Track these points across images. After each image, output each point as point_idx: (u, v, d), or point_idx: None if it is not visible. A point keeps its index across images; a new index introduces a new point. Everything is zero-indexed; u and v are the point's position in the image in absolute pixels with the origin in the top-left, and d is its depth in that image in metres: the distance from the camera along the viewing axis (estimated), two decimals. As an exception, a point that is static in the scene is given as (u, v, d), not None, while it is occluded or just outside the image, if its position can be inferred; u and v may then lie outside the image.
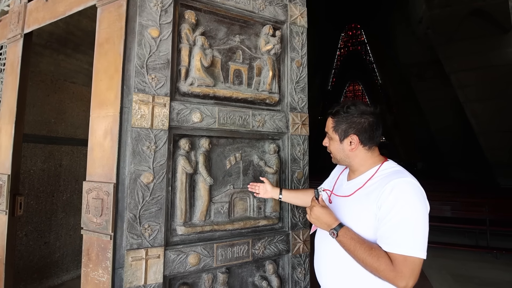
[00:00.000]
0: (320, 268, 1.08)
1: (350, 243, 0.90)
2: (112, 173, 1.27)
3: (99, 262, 1.26)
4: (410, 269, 0.80)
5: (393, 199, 0.86)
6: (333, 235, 0.93)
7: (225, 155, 1.56)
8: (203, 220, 1.44)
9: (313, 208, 0.99)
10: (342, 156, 1.05)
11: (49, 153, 2.96)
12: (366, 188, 0.97)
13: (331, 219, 0.95)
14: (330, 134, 1.06)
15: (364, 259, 0.85)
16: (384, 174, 0.96)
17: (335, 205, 1.06)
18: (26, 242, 2.72)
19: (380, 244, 0.88)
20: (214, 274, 1.47)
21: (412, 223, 0.83)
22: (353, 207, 0.98)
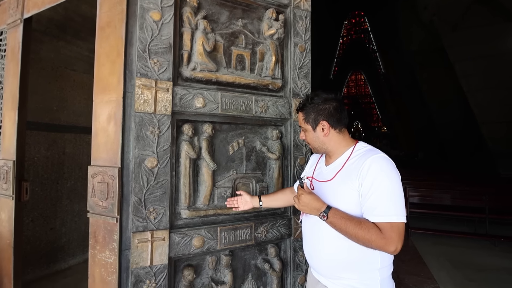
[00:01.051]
0: (311, 251, 1.13)
1: (340, 222, 0.96)
2: (116, 157, 1.28)
3: (106, 244, 1.29)
4: (397, 233, 0.90)
5: (372, 174, 0.95)
6: (324, 218, 0.98)
7: (228, 140, 1.56)
8: (206, 204, 1.47)
9: (301, 196, 1.04)
10: (318, 144, 1.13)
11: (52, 140, 2.98)
12: (346, 169, 1.05)
13: (319, 203, 1.00)
14: (303, 126, 1.15)
15: (356, 233, 0.92)
16: (359, 153, 1.05)
17: (318, 190, 1.12)
18: (32, 227, 2.77)
19: (367, 217, 0.96)
20: (218, 256, 1.51)
21: (392, 193, 0.93)
22: (336, 189, 1.05)
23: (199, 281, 1.46)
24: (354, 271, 1.01)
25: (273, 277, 1.61)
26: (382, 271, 1.01)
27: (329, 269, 1.06)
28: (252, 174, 1.62)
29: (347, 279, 1.02)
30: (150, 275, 1.28)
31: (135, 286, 1.26)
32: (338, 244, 1.02)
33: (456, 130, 10.39)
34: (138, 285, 1.26)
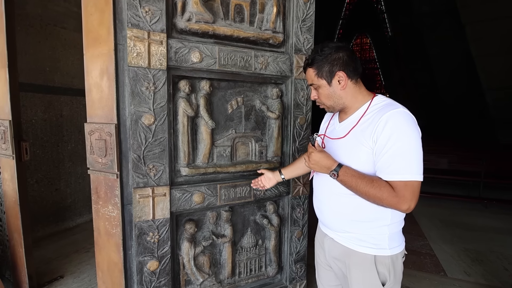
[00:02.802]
0: (320, 206, 1.12)
1: (351, 180, 0.92)
2: (112, 114, 1.25)
3: (108, 199, 1.32)
4: (411, 192, 0.85)
5: (388, 131, 0.88)
6: (334, 176, 0.95)
7: (227, 99, 1.52)
8: (206, 162, 1.47)
9: (312, 154, 1.00)
10: (335, 100, 1.03)
11: (49, 103, 2.92)
12: (361, 125, 0.97)
13: (330, 162, 0.97)
14: (316, 82, 1.03)
15: (367, 191, 0.89)
16: (376, 108, 0.96)
17: (331, 148, 1.07)
18: (37, 188, 2.84)
19: (379, 175, 0.91)
20: (218, 212, 1.55)
21: (408, 150, 0.87)
22: (349, 146, 0.99)
23: (200, 234, 1.52)
24: (362, 226, 0.99)
25: (271, 231, 1.68)
26: (391, 227, 0.98)
27: (337, 223, 1.05)
28: (252, 133, 1.60)
29: (354, 233, 1.00)
30: (153, 228, 1.33)
31: (139, 238, 1.31)
32: (347, 201, 0.99)
33: (459, 96, 10.19)
34: (142, 237, 1.32)
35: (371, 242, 0.98)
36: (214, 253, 1.58)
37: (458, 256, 2.66)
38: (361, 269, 0.99)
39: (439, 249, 2.78)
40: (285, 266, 1.76)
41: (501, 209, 4.05)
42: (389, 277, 0.97)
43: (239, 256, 1.64)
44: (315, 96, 1.08)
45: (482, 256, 2.66)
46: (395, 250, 0.97)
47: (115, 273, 1.35)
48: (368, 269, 0.97)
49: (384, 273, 0.97)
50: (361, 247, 0.98)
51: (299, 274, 1.78)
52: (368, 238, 0.98)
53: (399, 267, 0.99)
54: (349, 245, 1.01)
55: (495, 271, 2.38)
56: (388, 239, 0.97)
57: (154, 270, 1.35)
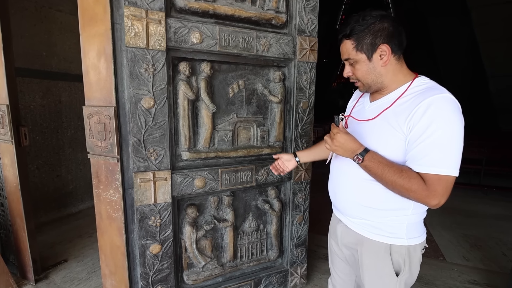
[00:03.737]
0: (336, 190, 1.05)
1: (377, 167, 0.83)
2: (111, 96, 1.22)
3: (109, 184, 1.31)
4: (444, 187, 0.78)
5: (429, 117, 0.77)
6: (358, 161, 0.86)
7: (228, 82, 1.48)
8: (207, 147, 1.45)
9: (337, 135, 0.89)
10: (373, 77, 0.90)
11: (46, 88, 2.88)
12: (395, 108, 0.86)
13: (356, 145, 0.87)
14: (354, 57, 0.90)
15: (394, 181, 0.81)
16: (417, 91, 0.84)
17: (355, 130, 0.96)
18: (39, 174, 2.85)
19: (410, 165, 0.82)
20: (220, 196, 1.55)
21: (449, 141, 0.77)
22: (378, 130, 0.89)
23: (202, 218, 1.52)
24: (379, 214, 0.92)
25: (272, 216, 1.69)
26: (411, 217, 0.90)
27: (351, 209, 0.98)
28: (253, 118, 1.57)
29: (369, 220, 0.94)
30: (154, 212, 1.33)
31: (141, 222, 1.31)
32: (367, 187, 0.92)
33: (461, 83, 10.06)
34: (144, 221, 1.31)
35: (387, 230, 0.91)
36: (216, 237, 1.58)
37: (457, 241, 2.69)
38: (374, 258, 0.94)
39: (439, 235, 2.80)
40: (286, 250, 1.78)
41: (502, 196, 4.07)
42: (404, 268, 0.91)
43: (241, 240, 1.64)
44: (349, 73, 0.95)
45: (481, 242, 2.68)
46: (413, 240, 0.91)
47: (118, 256, 1.36)
48: (381, 257, 0.92)
49: (399, 262, 0.91)
50: (376, 235, 0.93)
51: (300, 258, 1.80)
52: (384, 226, 0.91)
53: (417, 259, 0.92)
54: (363, 232, 0.96)
55: (493, 257, 2.40)
56: (406, 228, 0.90)
57: (156, 253, 1.36)
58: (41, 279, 1.96)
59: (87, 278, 1.99)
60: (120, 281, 1.38)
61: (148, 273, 1.36)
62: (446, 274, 2.12)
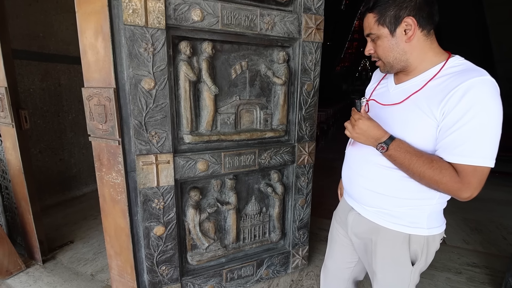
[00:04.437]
0: (352, 177, 0.98)
1: (404, 156, 0.77)
2: (110, 77, 1.19)
3: (111, 166, 1.30)
4: (479, 179, 0.72)
5: (467, 102, 0.69)
6: (382, 150, 0.80)
7: (230, 63, 1.44)
8: (209, 130, 1.43)
9: (358, 121, 0.82)
10: (395, 55, 0.82)
11: (45, 71, 2.83)
12: (427, 91, 0.78)
13: (380, 132, 0.80)
14: (375, 31, 0.82)
15: (422, 172, 0.75)
16: (452, 72, 0.76)
17: (378, 115, 0.88)
18: (42, 158, 2.86)
19: (441, 155, 0.75)
20: (223, 180, 1.54)
21: (488, 130, 0.70)
22: (405, 115, 0.80)
23: (205, 201, 1.53)
24: (399, 203, 0.86)
25: (275, 199, 1.69)
26: (434, 206, 0.85)
27: (368, 197, 0.92)
28: (256, 100, 1.54)
29: (387, 209, 0.88)
30: (157, 195, 1.33)
31: (145, 204, 1.31)
32: (389, 175, 0.85)
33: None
34: (147, 203, 1.32)
35: (407, 220, 0.86)
36: (219, 219, 1.60)
37: (458, 225, 2.71)
38: (390, 247, 0.89)
39: (439, 219, 2.82)
40: (288, 233, 1.80)
41: (503, 181, 4.06)
42: (420, 257, 0.87)
43: (244, 222, 1.66)
44: (371, 50, 0.87)
45: (481, 225, 2.70)
46: (433, 230, 0.86)
47: (123, 238, 1.37)
48: (398, 247, 0.88)
49: (416, 252, 0.87)
50: (394, 225, 0.87)
51: (301, 240, 1.82)
52: (403, 216, 0.86)
53: (434, 248, 0.89)
54: (379, 221, 0.90)
55: (493, 240, 2.43)
56: (427, 218, 0.85)
57: (160, 235, 1.37)
58: (49, 259, 2.01)
59: (93, 259, 2.04)
60: (126, 261, 1.41)
61: (152, 254, 1.39)
62: (446, 256, 2.15)
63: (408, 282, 0.91)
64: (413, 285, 0.92)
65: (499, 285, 1.80)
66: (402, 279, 0.91)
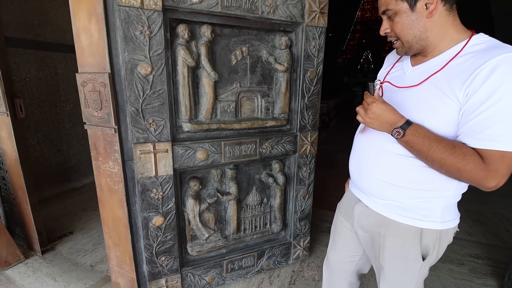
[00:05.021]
0: (361, 168, 0.92)
1: (423, 142, 0.70)
2: (104, 61, 1.14)
3: (108, 155, 1.26)
4: (507, 166, 0.65)
5: (495, 81, 0.63)
6: (398, 135, 0.74)
7: (230, 48, 1.38)
8: (209, 118, 1.39)
9: (372, 105, 0.75)
10: (415, 33, 0.75)
11: (41, 60, 2.76)
12: (448, 71, 0.72)
13: (395, 116, 0.74)
14: (393, 7, 0.75)
15: (443, 159, 0.68)
16: (477, 50, 0.69)
17: (393, 99, 0.81)
18: (40, 149, 2.82)
19: (465, 140, 0.69)
20: (223, 170, 1.51)
21: None
22: (424, 98, 0.74)
23: (205, 191, 1.50)
24: (412, 195, 0.80)
25: (276, 190, 1.66)
26: (449, 198, 0.80)
27: (377, 188, 0.86)
28: (257, 88, 1.49)
29: (398, 201, 0.83)
30: (156, 184, 1.29)
31: (143, 194, 1.28)
32: (401, 164, 0.79)
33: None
34: (146, 193, 1.29)
35: (420, 213, 0.81)
36: (219, 210, 1.57)
37: (460, 217, 2.68)
38: (400, 241, 0.84)
39: (442, 211, 2.80)
40: (290, 224, 1.77)
41: (506, 173, 4.02)
42: (432, 252, 0.83)
43: (244, 213, 1.63)
44: (387, 29, 0.80)
45: (483, 217, 2.68)
46: (447, 224, 0.81)
47: (121, 228, 1.35)
48: (409, 241, 0.83)
49: (428, 246, 0.82)
50: (405, 218, 0.82)
51: (303, 231, 1.80)
52: (415, 209, 0.81)
53: (446, 243, 0.84)
54: (389, 214, 0.85)
55: (496, 232, 2.41)
56: (441, 211, 0.80)
57: (159, 225, 1.35)
58: (48, 250, 2.00)
59: (93, 250, 2.02)
60: (124, 252, 1.39)
61: (151, 245, 1.36)
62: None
63: (417, 277, 0.87)
64: (422, 280, 0.89)
65: (502, 276, 1.78)
66: (411, 274, 0.87)
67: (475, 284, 1.74)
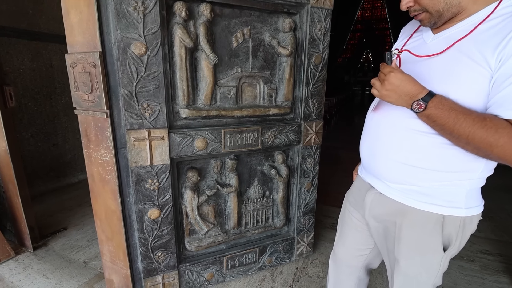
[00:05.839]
0: (375, 149, 0.83)
1: (448, 115, 0.62)
2: (95, 39, 1.05)
3: (100, 142, 1.18)
4: None
5: None
6: (419, 109, 0.65)
7: (231, 30, 1.30)
8: (208, 104, 1.30)
9: (390, 74, 0.67)
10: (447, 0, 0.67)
11: (36, 51, 2.67)
12: (477, 35, 0.64)
13: (417, 87, 0.65)
14: None
15: (472, 134, 0.60)
16: (510, 11, 0.62)
17: (412, 70, 0.73)
18: (34, 143, 2.73)
19: (497, 112, 0.61)
20: (223, 160, 1.43)
21: None
22: (449, 67, 0.66)
23: (204, 183, 1.41)
24: (434, 177, 0.72)
25: (279, 183, 1.57)
26: (475, 181, 0.72)
27: (395, 173, 0.77)
28: (260, 73, 1.40)
29: (418, 186, 0.74)
30: (151, 174, 1.21)
31: (137, 184, 1.20)
32: (421, 143, 0.71)
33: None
34: (140, 184, 1.20)
35: (442, 198, 0.73)
36: (219, 203, 1.48)
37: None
38: (419, 231, 0.76)
39: (448, 207, 2.72)
40: (293, 218, 1.69)
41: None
42: (454, 242, 0.75)
43: (246, 207, 1.55)
44: (410, 3, 0.72)
45: (492, 213, 2.60)
46: (471, 211, 0.74)
47: (114, 221, 1.26)
48: (429, 231, 0.75)
49: (451, 235, 0.74)
50: (426, 204, 0.74)
51: (307, 226, 1.72)
52: (437, 193, 0.73)
53: (469, 232, 0.76)
54: (407, 201, 0.77)
55: (505, 227, 2.33)
56: (465, 196, 0.72)
57: (155, 218, 1.26)
58: (40, 246, 1.91)
59: (87, 246, 1.94)
60: (118, 247, 1.30)
61: (147, 239, 1.28)
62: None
63: (436, 271, 0.79)
64: (441, 273, 0.80)
65: (515, 273, 1.70)
66: (430, 267, 0.79)
67: (487, 281, 1.66)
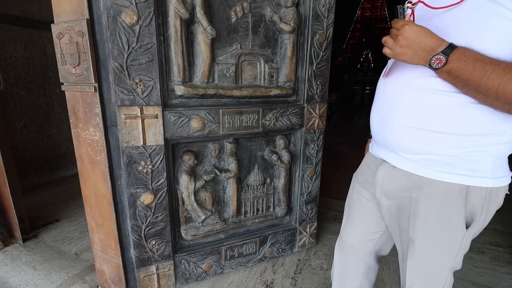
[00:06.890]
0: (390, 115, 0.73)
1: (473, 67, 0.55)
2: (82, 5, 0.97)
3: (88, 120, 1.09)
4: None
5: None
6: (439, 64, 0.58)
7: (230, 3, 1.22)
8: (205, 81, 1.22)
9: (404, 27, 0.59)
10: None
11: (29, 38, 2.59)
12: None
13: (435, 40, 0.58)
14: None
15: (503, 86, 0.52)
16: None
17: (428, 24, 0.63)
18: (27, 134, 2.65)
19: None
20: (221, 144, 1.34)
21: None
22: (471, 16, 0.58)
23: (201, 168, 1.33)
24: (456, 143, 0.64)
25: (280, 169, 1.49)
26: (503, 147, 0.63)
27: (411, 141, 0.69)
28: (260, 51, 1.32)
29: (438, 154, 0.66)
30: (144, 156, 1.13)
31: (129, 167, 1.11)
32: (441, 103, 0.63)
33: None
34: (133, 166, 1.12)
35: (466, 167, 0.64)
36: (217, 190, 1.40)
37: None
38: (438, 205, 0.68)
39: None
40: (295, 207, 1.60)
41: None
42: (479, 218, 0.67)
43: (245, 194, 1.46)
44: None
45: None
46: (499, 181, 0.65)
47: (104, 206, 1.18)
48: (450, 204, 0.66)
49: (475, 209, 0.66)
50: (447, 175, 0.66)
51: (309, 216, 1.63)
52: (461, 162, 0.64)
53: (495, 206, 0.68)
54: (425, 172, 0.68)
55: (514, 220, 2.25)
56: (492, 163, 0.64)
57: (149, 204, 1.18)
58: (30, 238, 1.83)
59: (79, 237, 1.86)
60: (109, 234, 1.22)
61: (140, 226, 1.20)
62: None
63: (457, 251, 0.70)
64: (461, 255, 0.72)
65: (527, 266, 1.62)
66: (450, 247, 0.70)
67: (498, 272, 1.58)
